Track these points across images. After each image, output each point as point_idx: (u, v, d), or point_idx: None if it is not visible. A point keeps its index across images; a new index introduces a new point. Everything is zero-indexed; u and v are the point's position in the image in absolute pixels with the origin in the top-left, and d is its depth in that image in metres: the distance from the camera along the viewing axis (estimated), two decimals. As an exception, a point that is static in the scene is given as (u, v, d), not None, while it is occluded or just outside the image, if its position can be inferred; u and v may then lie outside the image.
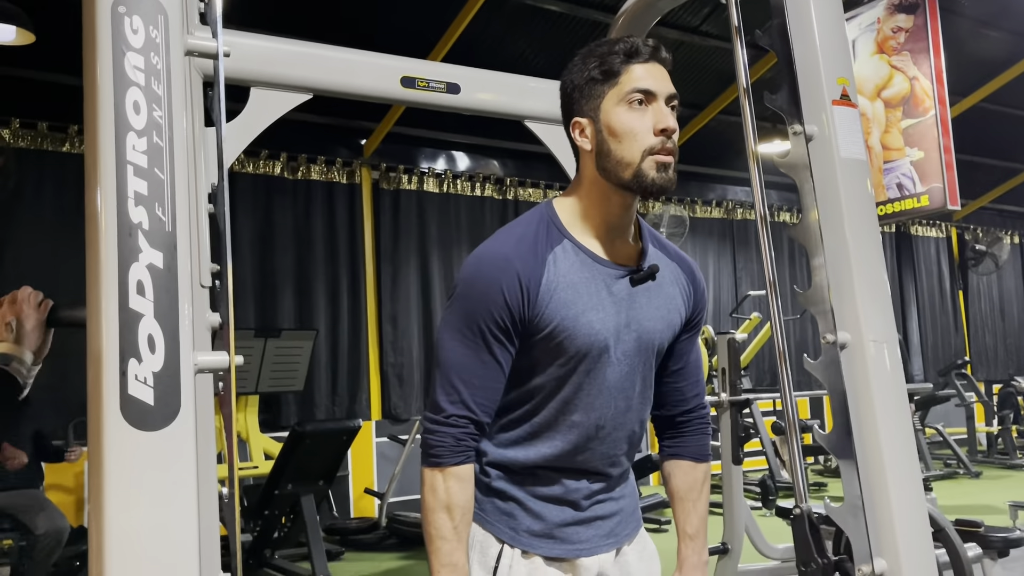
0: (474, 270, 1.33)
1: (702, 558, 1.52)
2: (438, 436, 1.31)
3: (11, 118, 5.83)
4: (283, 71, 1.85)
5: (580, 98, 1.38)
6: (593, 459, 1.42)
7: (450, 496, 1.30)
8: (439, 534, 1.30)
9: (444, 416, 1.32)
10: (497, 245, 1.35)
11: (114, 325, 1.12)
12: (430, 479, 1.32)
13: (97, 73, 1.16)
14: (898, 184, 5.59)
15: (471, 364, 1.32)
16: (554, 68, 5.56)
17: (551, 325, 1.33)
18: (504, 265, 1.31)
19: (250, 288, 6.63)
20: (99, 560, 1.12)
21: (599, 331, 1.35)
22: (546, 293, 1.32)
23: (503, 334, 1.32)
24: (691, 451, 1.54)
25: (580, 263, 1.36)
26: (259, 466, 5.78)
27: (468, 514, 1.33)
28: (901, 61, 5.60)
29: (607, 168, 1.35)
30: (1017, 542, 3.18)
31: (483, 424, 1.34)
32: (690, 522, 1.53)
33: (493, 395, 1.34)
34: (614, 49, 1.35)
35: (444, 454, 1.31)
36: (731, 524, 4.14)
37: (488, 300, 1.30)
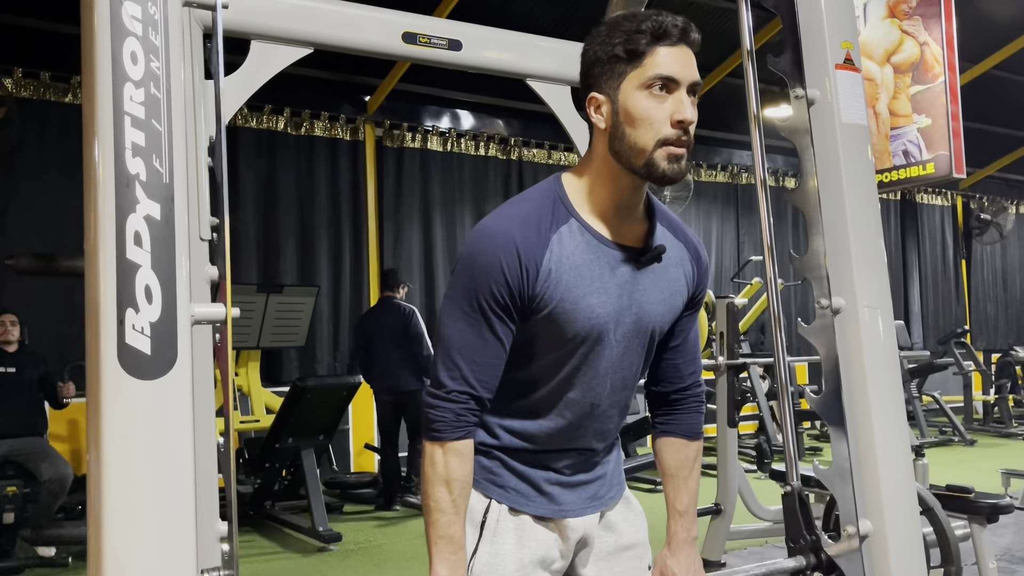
0: (477, 246, 1.32)
1: (691, 534, 1.54)
2: (439, 411, 1.32)
3: (13, 68, 5.80)
4: (283, 24, 1.84)
5: (600, 74, 1.34)
6: (586, 435, 1.44)
7: (449, 470, 1.32)
8: (437, 507, 1.32)
9: (445, 392, 1.32)
10: (501, 221, 1.34)
11: (111, 275, 1.13)
12: (430, 453, 1.33)
13: (94, 22, 1.16)
14: (904, 151, 5.55)
15: (472, 341, 1.32)
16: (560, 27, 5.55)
17: (552, 305, 1.33)
18: (506, 243, 1.30)
19: (253, 244, 6.65)
20: (97, 506, 1.15)
21: (599, 315, 1.35)
22: (547, 273, 1.32)
23: (503, 311, 1.31)
24: (683, 429, 1.55)
25: (585, 244, 1.35)
26: (260, 420, 5.85)
27: (466, 488, 1.35)
28: (912, 26, 5.52)
29: (619, 151, 1.33)
30: (1006, 508, 3.21)
31: (484, 400, 1.34)
32: (680, 499, 1.54)
33: (494, 371, 1.34)
34: (641, 27, 1.30)
35: (444, 429, 1.32)
36: (725, 485, 4.19)
37: (489, 278, 1.30)
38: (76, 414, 5.75)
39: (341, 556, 4.65)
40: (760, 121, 1.84)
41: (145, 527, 1.15)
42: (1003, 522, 3.79)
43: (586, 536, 1.48)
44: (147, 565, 1.15)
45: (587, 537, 1.48)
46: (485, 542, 1.41)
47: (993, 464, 6.21)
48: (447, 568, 1.32)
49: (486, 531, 1.41)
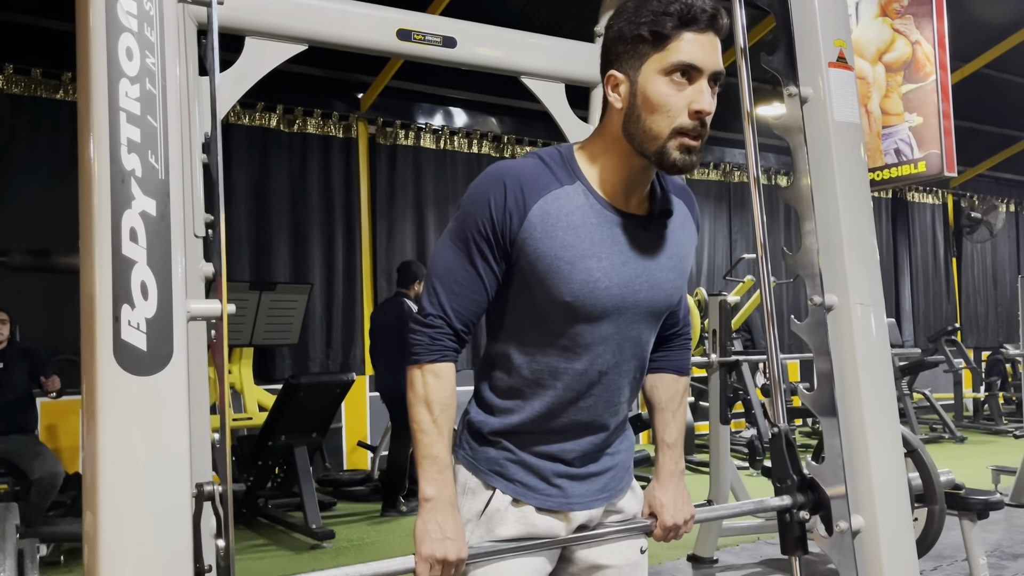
0: (476, 183, 1.36)
1: (679, 466, 1.56)
2: (417, 335, 1.36)
3: (4, 64, 5.77)
4: (278, 21, 1.84)
5: (623, 52, 1.32)
6: (597, 406, 1.43)
7: (428, 391, 1.34)
8: (420, 428, 1.35)
9: (423, 315, 1.36)
10: (505, 164, 1.36)
11: (107, 271, 1.13)
12: (411, 377, 1.36)
13: (90, 18, 1.15)
14: (896, 149, 5.58)
15: (454, 270, 1.35)
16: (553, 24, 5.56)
17: (545, 261, 1.32)
18: (498, 180, 1.33)
19: (245, 241, 6.63)
20: (93, 502, 1.14)
21: (599, 279, 1.35)
22: (537, 221, 1.32)
23: (487, 246, 1.33)
24: (674, 365, 1.57)
25: (588, 207, 1.35)
26: (253, 417, 5.83)
27: (448, 410, 1.36)
28: (904, 25, 5.54)
29: (632, 133, 1.32)
30: (996, 505, 3.24)
31: (458, 331, 1.36)
32: (669, 431, 1.56)
33: (471, 305, 1.36)
34: (669, 9, 1.28)
35: (421, 352, 1.35)
36: (717, 481, 4.21)
37: (476, 211, 1.33)
38: (67, 411, 5.73)
39: (334, 553, 4.65)
40: (753, 119, 1.85)
41: (141, 523, 1.15)
42: (993, 518, 3.82)
43: (588, 522, 1.48)
44: (143, 562, 1.15)
45: (589, 523, 1.48)
46: (480, 528, 1.41)
47: (983, 461, 6.25)
48: (434, 487, 1.34)
49: (484, 519, 1.41)
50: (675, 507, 1.53)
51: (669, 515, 1.52)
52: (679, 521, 1.52)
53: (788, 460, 1.68)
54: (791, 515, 1.67)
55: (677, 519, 1.52)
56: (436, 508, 1.34)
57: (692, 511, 1.55)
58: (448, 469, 1.36)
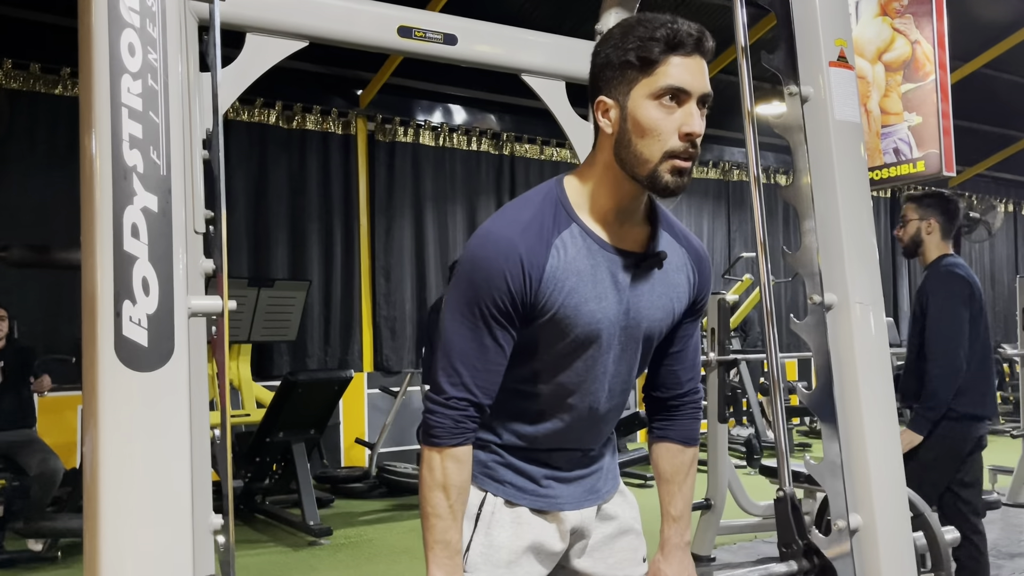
0: (479, 252, 1.31)
1: (684, 539, 1.55)
2: (438, 417, 1.32)
3: (3, 59, 5.76)
4: (279, 17, 1.83)
5: (611, 78, 1.33)
6: (584, 437, 1.45)
7: (447, 476, 1.32)
8: (434, 512, 1.32)
9: (445, 398, 1.32)
10: (503, 226, 1.33)
11: (109, 267, 1.13)
12: (428, 458, 1.33)
13: (92, 13, 1.15)
14: (895, 149, 5.58)
15: (473, 347, 1.31)
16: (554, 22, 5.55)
17: (553, 311, 1.33)
18: (509, 250, 1.29)
19: (244, 238, 6.63)
20: (93, 499, 1.15)
21: (599, 320, 1.35)
22: (550, 279, 1.31)
23: (505, 318, 1.31)
24: (680, 435, 1.55)
25: (587, 249, 1.35)
26: (251, 414, 5.84)
27: (464, 494, 1.35)
28: (904, 24, 5.54)
29: (623, 158, 1.32)
30: (993, 504, 3.25)
31: (483, 406, 1.34)
32: (675, 504, 1.55)
33: (494, 378, 1.34)
34: (656, 35, 1.28)
35: (443, 435, 1.32)
36: (715, 481, 4.22)
37: (491, 285, 1.29)
38: (65, 407, 5.73)
39: (332, 550, 4.65)
40: (754, 118, 1.85)
41: (141, 519, 1.15)
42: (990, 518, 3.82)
43: (582, 527, 1.49)
44: (143, 557, 1.15)
45: (583, 528, 1.49)
46: (480, 534, 1.41)
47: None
48: (443, 573, 1.33)
49: (480, 523, 1.42)
50: None
51: None
52: None
53: (794, 524, 1.68)
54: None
55: None
56: None
57: None
58: (458, 555, 1.35)
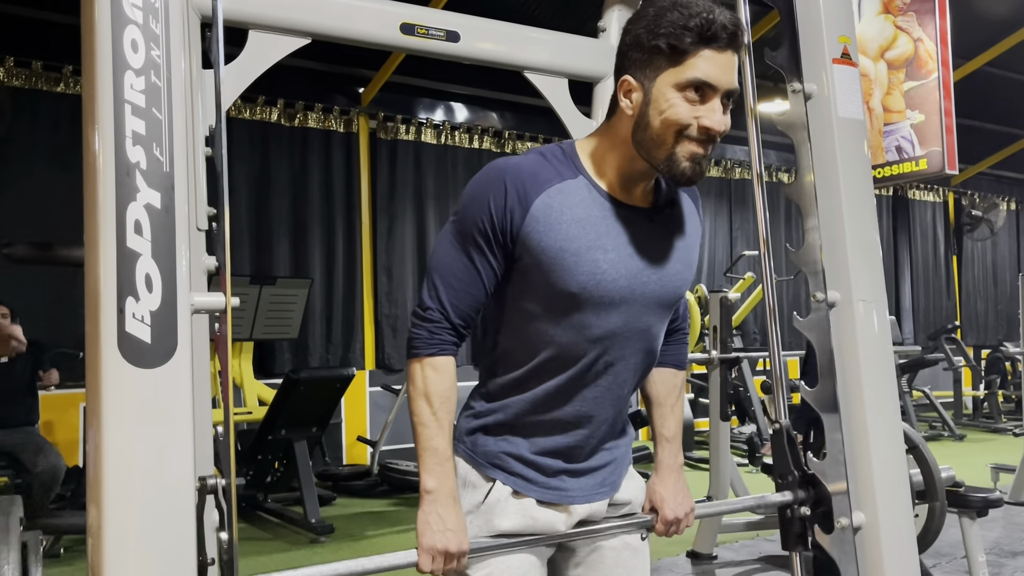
0: (475, 180, 1.37)
1: (678, 460, 1.57)
2: (416, 329, 1.37)
3: (5, 57, 5.76)
4: (282, 14, 1.83)
5: (638, 59, 1.31)
6: (603, 397, 1.42)
7: (427, 384, 1.35)
8: (420, 420, 1.35)
9: (423, 309, 1.37)
10: (505, 161, 1.36)
11: (112, 264, 1.13)
12: (410, 371, 1.37)
13: (95, 9, 1.15)
14: (897, 147, 5.57)
15: (453, 265, 1.36)
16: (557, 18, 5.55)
17: (549, 254, 1.32)
18: (497, 179, 1.33)
19: (246, 235, 6.63)
20: (96, 494, 1.15)
21: (606, 270, 1.35)
22: (540, 217, 1.32)
23: (485, 242, 1.34)
24: (672, 360, 1.57)
25: (592, 200, 1.36)
26: (253, 412, 5.84)
27: (447, 403, 1.36)
28: (906, 22, 5.54)
29: (640, 141, 1.32)
30: (996, 502, 3.24)
31: (456, 325, 1.37)
32: (667, 425, 1.57)
33: (469, 300, 1.36)
34: (690, 24, 1.26)
35: (420, 345, 1.36)
36: (717, 478, 4.22)
37: (476, 207, 1.34)
38: (68, 405, 5.73)
39: (333, 548, 4.65)
40: (757, 115, 1.85)
41: (145, 515, 1.15)
42: (992, 516, 3.82)
43: (591, 517, 1.48)
44: (147, 553, 1.15)
45: (592, 517, 1.48)
46: (479, 518, 1.41)
47: (982, 459, 6.25)
48: (434, 479, 1.34)
49: (483, 509, 1.41)
50: (675, 501, 1.53)
51: (670, 509, 1.52)
52: (680, 515, 1.53)
53: (789, 456, 1.69)
54: (792, 511, 1.68)
55: (678, 512, 1.53)
56: (437, 500, 1.34)
57: (692, 504, 1.56)
58: (449, 461, 1.36)
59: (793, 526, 1.68)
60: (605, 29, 2.29)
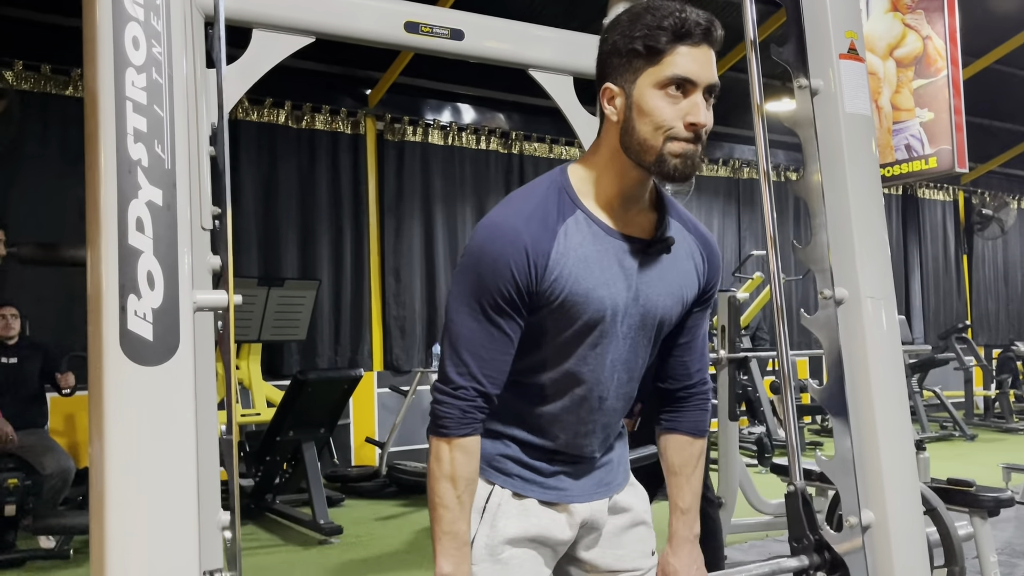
0: (484, 242, 1.31)
1: (693, 531, 1.54)
2: (446, 407, 1.32)
3: (14, 60, 5.79)
4: (285, 13, 1.83)
5: (617, 65, 1.32)
6: (594, 431, 1.44)
7: (455, 467, 1.32)
8: (442, 503, 1.32)
9: (453, 388, 1.32)
10: (508, 216, 1.32)
11: (113, 261, 1.13)
12: (436, 449, 1.33)
13: (96, 6, 1.15)
14: (906, 145, 5.54)
15: (480, 337, 1.31)
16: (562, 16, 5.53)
17: (560, 298, 1.32)
18: (514, 238, 1.29)
19: (254, 237, 6.65)
20: (99, 493, 1.14)
21: (608, 306, 1.34)
22: (555, 266, 1.31)
23: (511, 308, 1.30)
24: (689, 426, 1.54)
25: (592, 236, 1.34)
26: (261, 413, 5.85)
27: (472, 484, 1.34)
28: (915, 19, 5.51)
29: (628, 145, 1.31)
30: (1007, 502, 3.21)
31: (491, 396, 1.33)
32: (683, 497, 1.54)
33: (502, 367, 1.33)
34: (663, 23, 1.27)
35: (451, 425, 1.32)
36: (726, 479, 4.20)
37: (496, 275, 1.29)
38: (77, 407, 5.75)
39: (342, 549, 4.65)
40: (763, 113, 1.83)
41: (148, 515, 1.14)
42: (1004, 516, 3.78)
43: (593, 520, 1.47)
44: (150, 554, 1.14)
45: (594, 521, 1.48)
46: (485, 525, 1.40)
47: (994, 459, 6.20)
48: (451, 564, 1.32)
49: (487, 515, 1.40)
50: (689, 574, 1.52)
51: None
52: None
53: (804, 519, 1.66)
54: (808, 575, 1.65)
55: None
56: None
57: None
58: (466, 546, 1.34)
59: None
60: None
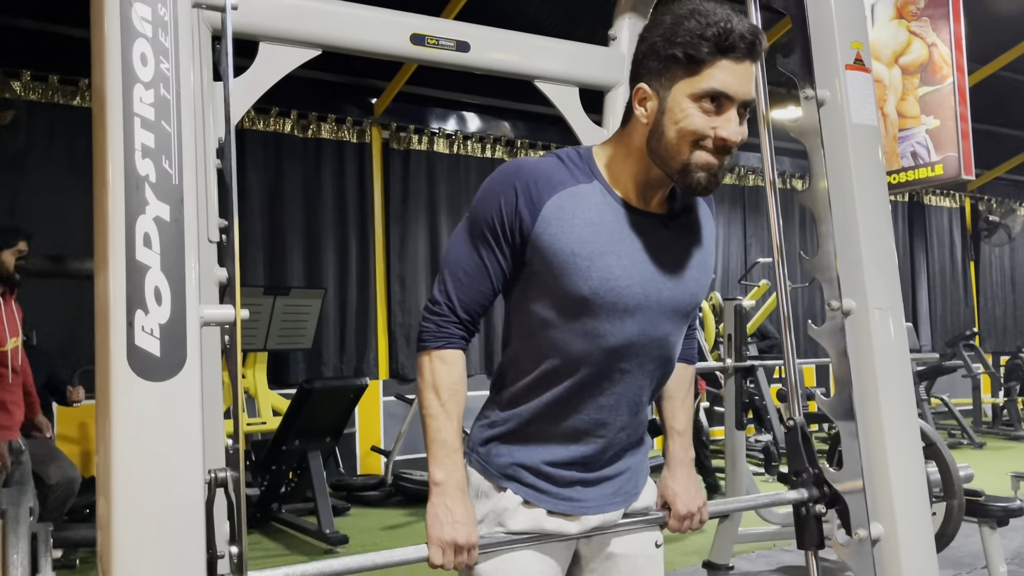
0: (488, 180, 1.37)
1: (689, 454, 1.56)
2: (426, 322, 1.39)
3: (21, 71, 5.81)
4: (292, 26, 1.84)
5: (654, 68, 1.30)
6: (619, 405, 1.40)
7: (435, 376, 1.36)
8: (428, 412, 1.36)
9: (432, 303, 1.39)
10: (519, 162, 1.37)
11: (121, 276, 1.13)
12: (419, 363, 1.39)
13: (104, 23, 1.16)
14: (912, 152, 5.53)
15: (463, 261, 1.37)
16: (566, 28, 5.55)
17: (561, 257, 1.31)
18: (510, 177, 1.34)
19: (260, 246, 6.66)
20: (106, 507, 1.14)
21: (619, 276, 1.33)
22: (552, 218, 1.31)
23: (495, 241, 1.34)
24: (683, 354, 1.55)
25: (606, 205, 1.35)
26: (267, 422, 5.85)
27: (456, 395, 1.37)
28: (920, 27, 5.51)
29: (656, 150, 1.31)
30: (1017, 511, 3.20)
31: (464, 320, 1.38)
32: (678, 419, 1.56)
33: (476, 296, 1.37)
34: (707, 33, 1.24)
35: (428, 338, 1.38)
36: (733, 488, 4.18)
37: (487, 205, 1.34)
38: (83, 416, 5.76)
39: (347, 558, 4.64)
40: (769, 122, 1.83)
41: (154, 528, 1.14)
42: (1013, 525, 3.76)
43: (603, 524, 1.46)
44: (156, 566, 1.14)
45: (605, 525, 1.46)
46: (491, 522, 1.40)
47: (1003, 467, 6.17)
48: (443, 471, 1.34)
49: (491, 516, 1.41)
50: (688, 495, 1.52)
51: (683, 503, 1.51)
52: (693, 509, 1.52)
53: (804, 453, 1.67)
54: (807, 508, 1.66)
55: (691, 507, 1.51)
56: (445, 492, 1.34)
57: (704, 498, 1.54)
58: (457, 453, 1.36)
59: (808, 524, 1.67)
60: (616, 37, 2.29)
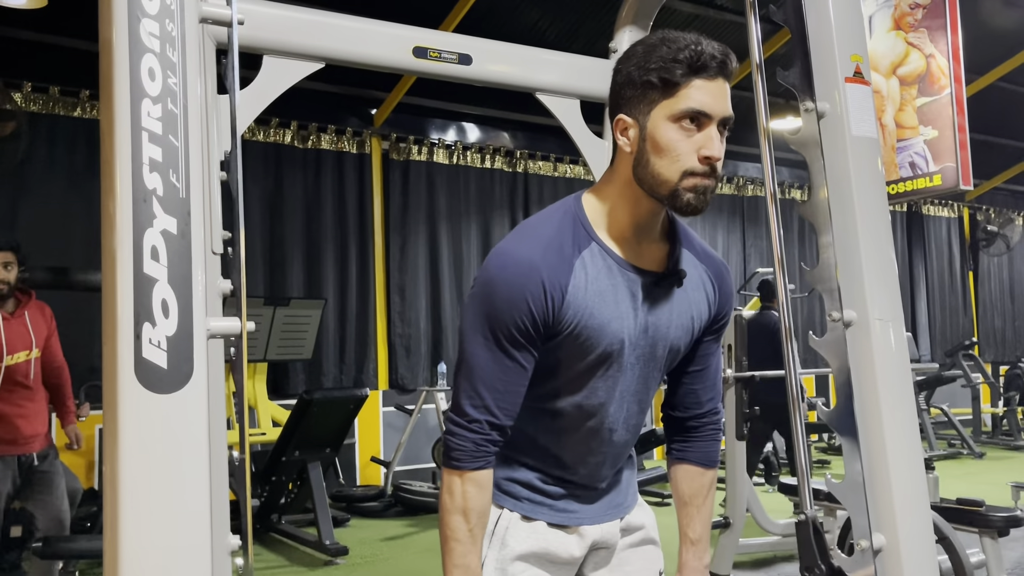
0: (498, 273, 1.29)
1: (703, 562, 1.53)
2: (459, 439, 1.31)
3: (23, 82, 5.83)
4: (296, 39, 1.85)
5: (631, 96, 1.31)
6: (604, 463, 1.44)
7: (467, 500, 1.31)
8: (453, 536, 1.31)
9: (467, 420, 1.31)
10: (524, 248, 1.31)
11: (129, 290, 1.14)
12: (448, 481, 1.32)
13: (113, 39, 1.17)
14: (911, 163, 5.55)
15: (494, 369, 1.30)
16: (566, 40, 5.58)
17: (575, 331, 1.31)
18: (529, 271, 1.28)
19: (259, 257, 6.67)
20: (113, 520, 1.15)
21: (621, 339, 1.35)
22: (572, 299, 1.30)
23: (526, 340, 1.30)
24: (699, 457, 1.53)
25: (607, 269, 1.34)
26: (267, 433, 5.84)
27: (484, 518, 1.33)
28: (918, 38, 5.53)
29: (642, 177, 1.31)
30: (1018, 521, 3.20)
31: (505, 428, 1.33)
32: (693, 527, 1.53)
33: (516, 399, 1.33)
34: (679, 56, 1.26)
35: (464, 458, 1.31)
36: (733, 499, 4.18)
37: (512, 307, 1.27)
38: (84, 427, 5.74)
39: (347, 570, 4.63)
40: (769, 134, 1.84)
41: (160, 540, 1.15)
42: (1014, 535, 3.76)
43: (604, 540, 1.47)
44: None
45: (605, 541, 1.47)
46: (494, 547, 1.40)
47: (1003, 477, 6.17)
48: None
49: (495, 538, 1.40)
50: None
51: None
52: None
53: (816, 547, 1.66)
54: None
55: None
56: None
57: None
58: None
59: None
60: (616, 50, 2.30)
